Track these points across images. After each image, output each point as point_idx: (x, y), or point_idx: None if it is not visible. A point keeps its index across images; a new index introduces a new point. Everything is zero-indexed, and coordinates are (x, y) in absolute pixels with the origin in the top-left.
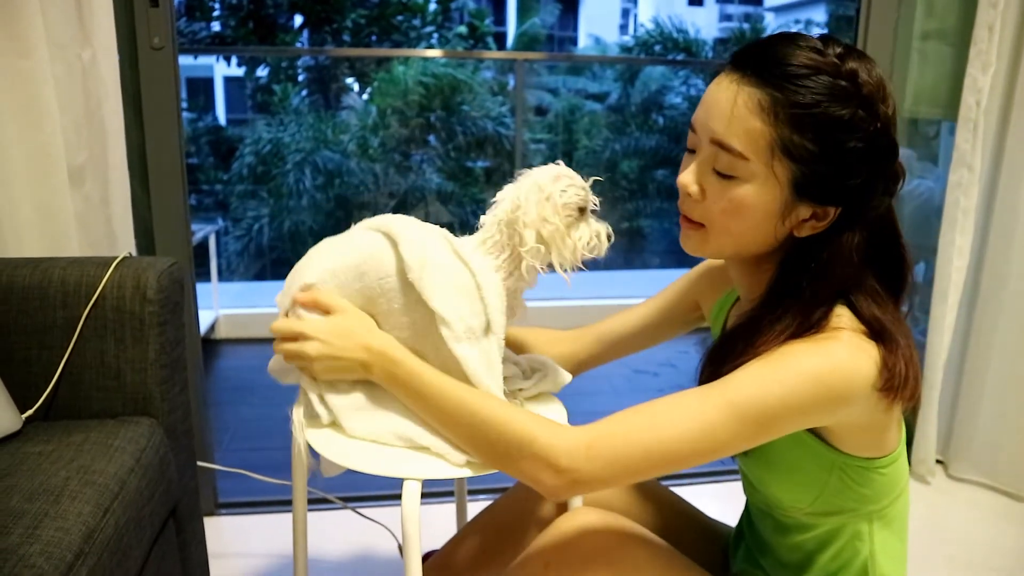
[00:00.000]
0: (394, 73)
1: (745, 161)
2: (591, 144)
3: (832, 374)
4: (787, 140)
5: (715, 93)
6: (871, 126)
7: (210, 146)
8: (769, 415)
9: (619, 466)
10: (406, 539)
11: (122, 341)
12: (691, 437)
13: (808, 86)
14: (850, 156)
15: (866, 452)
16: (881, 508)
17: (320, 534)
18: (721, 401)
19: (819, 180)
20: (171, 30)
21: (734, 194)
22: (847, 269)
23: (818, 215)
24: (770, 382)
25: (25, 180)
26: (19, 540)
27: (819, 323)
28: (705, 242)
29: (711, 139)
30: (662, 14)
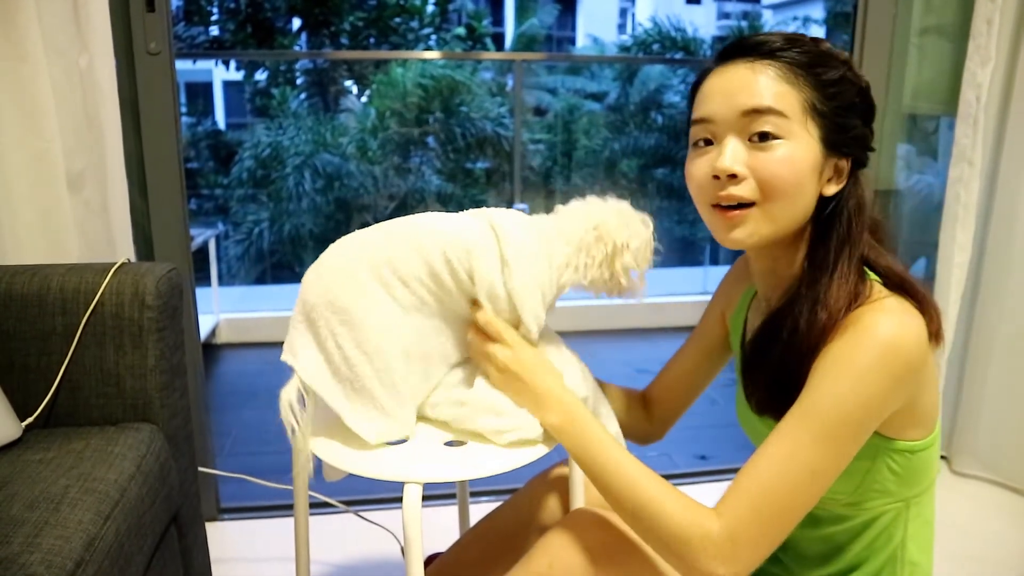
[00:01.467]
0: (393, 75)
1: (786, 120)
2: (590, 144)
3: (896, 357)
4: (812, 97)
5: (726, 79)
6: (860, 82)
7: (209, 150)
8: (859, 423)
9: (763, 548)
10: (407, 542)
11: (121, 347)
12: (807, 485)
13: (801, 51)
14: (853, 108)
15: (909, 434)
16: (917, 494)
17: (322, 538)
18: (812, 437)
19: (839, 132)
20: (167, 35)
21: (781, 154)
22: (863, 223)
23: (839, 169)
24: (845, 395)
25: (24, 186)
26: (20, 549)
27: (859, 296)
28: (760, 220)
29: (744, 111)
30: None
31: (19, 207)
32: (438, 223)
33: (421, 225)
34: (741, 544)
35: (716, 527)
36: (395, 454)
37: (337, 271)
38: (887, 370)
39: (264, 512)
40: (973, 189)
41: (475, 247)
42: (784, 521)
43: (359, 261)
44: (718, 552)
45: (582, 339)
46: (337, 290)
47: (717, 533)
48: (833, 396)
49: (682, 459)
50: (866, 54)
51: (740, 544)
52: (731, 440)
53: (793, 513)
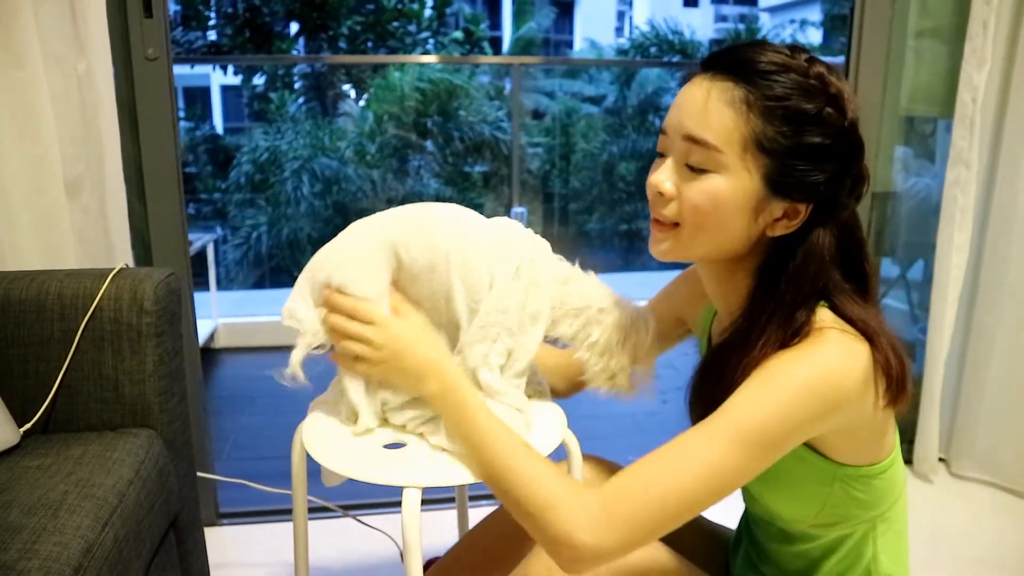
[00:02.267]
0: (390, 79)
1: (719, 153)
2: (588, 147)
3: (826, 379)
4: (760, 133)
5: (687, 93)
6: (839, 122)
7: (208, 155)
8: (773, 436)
9: (641, 529)
10: (407, 547)
11: (120, 353)
12: (704, 479)
13: (779, 81)
14: (819, 151)
15: (864, 460)
16: (883, 512)
17: (321, 542)
18: (724, 436)
19: (790, 175)
20: (165, 40)
21: (707, 186)
22: (821, 268)
23: (789, 213)
24: (766, 403)
25: (21, 192)
26: (17, 555)
27: (803, 327)
28: (678, 242)
29: (684, 135)
30: (657, 16)
31: (17, 213)
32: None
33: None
34: (616, 518)
35: (592, 497)
36: (394, 458)
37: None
38: (816, 391)
39: (263, 517)
40: (970, 191)
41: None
42: (668, 510)
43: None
44: (589, 521)
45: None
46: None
47: (591, 501)
48: (756, 403)
49: None
50: (863, 57)
51: (615, 518)
52: None
53: (681, 505)
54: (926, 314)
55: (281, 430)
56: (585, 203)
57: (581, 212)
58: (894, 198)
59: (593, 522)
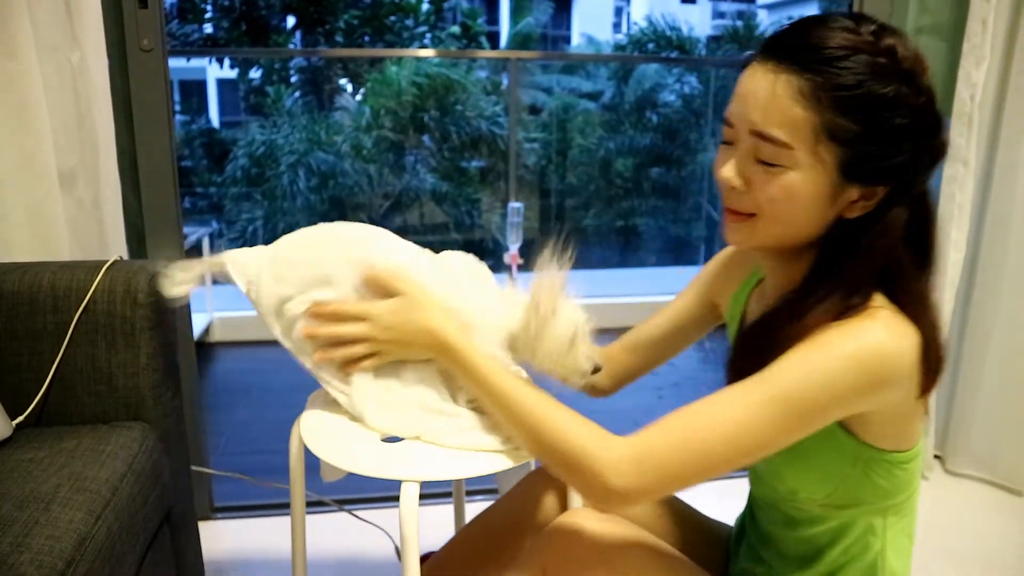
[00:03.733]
0: (387, 73)
1: (789, 150)
2: (585, 143)
3: (874, 356)
4: (831, 124)
5: (750, 84)
6: (915, 101)
7: (203, 148)
8: (813, 405)
9: (668, 476)
10: (404, 541)
11: (113, 345)
12: (736, 437)
13: (848, 67)
14: (896, 133)
15: (892, 445)
16: (897, 503)
17: (316, 537)
18: (763, 397)
19: (867, 160)
20: (160, 32)
21: (781, 182)
22: (892, 245)
23: (866, 195)
24: (811, 371)
25: (15, 184)
26: (9, 548)
27: (858, 306)
28: (754, 232)
29: (751, 131)
30: (655, 12)
31: (10, 205)
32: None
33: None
34: (644, 464)
35: (620, 441)
36: (392, 452)
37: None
38: (863, 366)
39: (257, 511)
40: (968, 188)
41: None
42: (697, 462)
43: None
44: (618, 464)
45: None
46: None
47: (620, 445)
48: (800, 370)
49: None
50: None
51: (643, 464)
52: None
53: (707, 459)
54: None
55: (275, 424)
56: (582, 199)
57: (578, 208)
58: None
59: (621, 467)
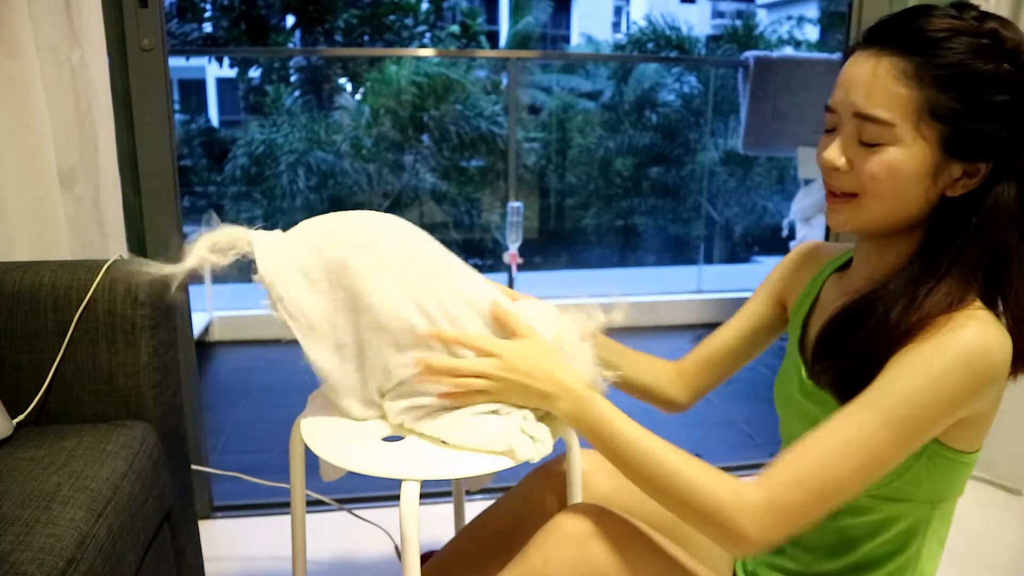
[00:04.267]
0: (387, 73)
1: (891, 127)
2: (585, 142)
3: (980, 363)
4: (933, 102)
5: (853, 70)
6: (1018, 78)
7: (203, 148)
8: (927, 419)
9: (804, 519)
10: (405, 540)
11: (114, 345)
12: (861, 467)
13: (951, 47)
14: (1000, 109)
15: (962, 444)
16: (945, 505)
17: (315, 536)
18: (878, 422)
19: (969, 137)
20: (161, 31)
21: (883, 158)
22: (1001, 226)
23: (969, 172)
24: (921, 388)
25: (15, 183)
26: (10, 547)
27: (966, 300)
28: (859, 211)
29: (854, 113)
30: (654, 12)
31: (10, 204)
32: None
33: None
34: (781, 512)
35: (754, 493)
36: (393, 451)
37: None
38: (968, 372)
39: (258, 510)
40: None
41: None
42: (827, 498)
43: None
44: (755, 517)
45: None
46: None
47: (756, 498)
48: (909, 388)
49: None
50: None
51: (779, 512)
52: (726, 439)
53: (839, 493)
54: None
55: (275, 423)
56: (581, 198)
57: (577, 207)
58: None
59: (759, 520)
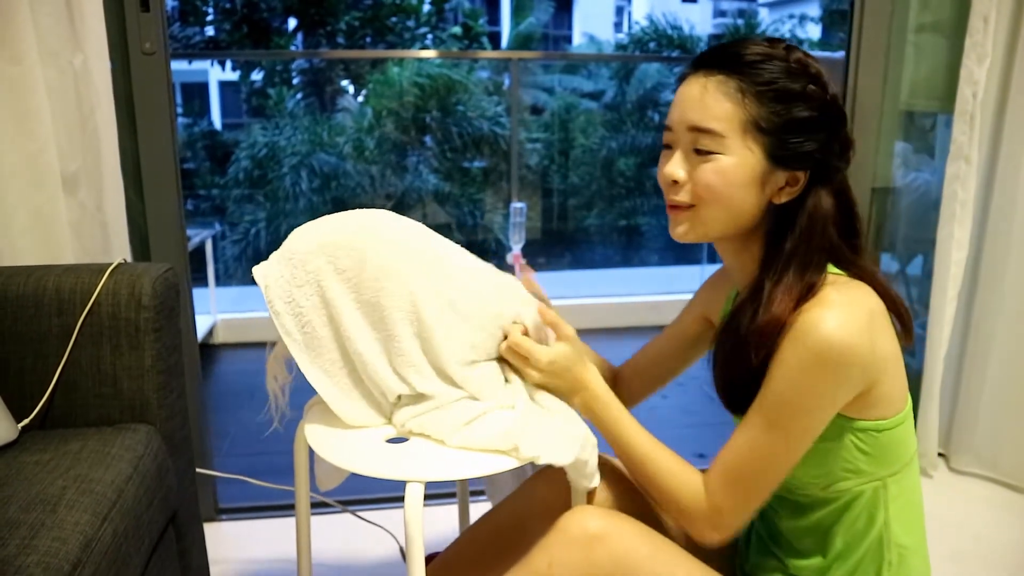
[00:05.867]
0: (389, 74)
1: (723, 138)
2: (587, 142)
3: (834, 352)
4: (756, 116)
5: (686, 91)
6: (823, 96)
7: (206, 151)
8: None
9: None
10: (409, 541)
11: (118, 348)
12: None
13: (766, 68)
14: (809, 123)
15: (874, 413)
16: (893, 473)
17: (320, 538)
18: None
19: (788, 147)
20: (162, 35)
21: (717, 166)
22: (825, 226)
23: (791, 181)
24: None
25: (18, 188)
26: (16, 551)
27: (813, 285)
28: (696, 220)
29: (689, 127)
30: (656, 11)
31: (14, 209)
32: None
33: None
34: (724, 514)
35: (703, 503)
36: (397, 453)
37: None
38: (827, 366)
39: (262, 512)
40: (970, 186)
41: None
42: (756, 492)
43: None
44: (708, 521)
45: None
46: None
47: (704, 508)
48: (776, 394)
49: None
50: (863, 52)
51: (723, 514)
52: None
53: (763, 485)
54: (925, 310)
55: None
56: (584, 198)
57: (580, 207)
58: (894, 193)
59: (711, 522)
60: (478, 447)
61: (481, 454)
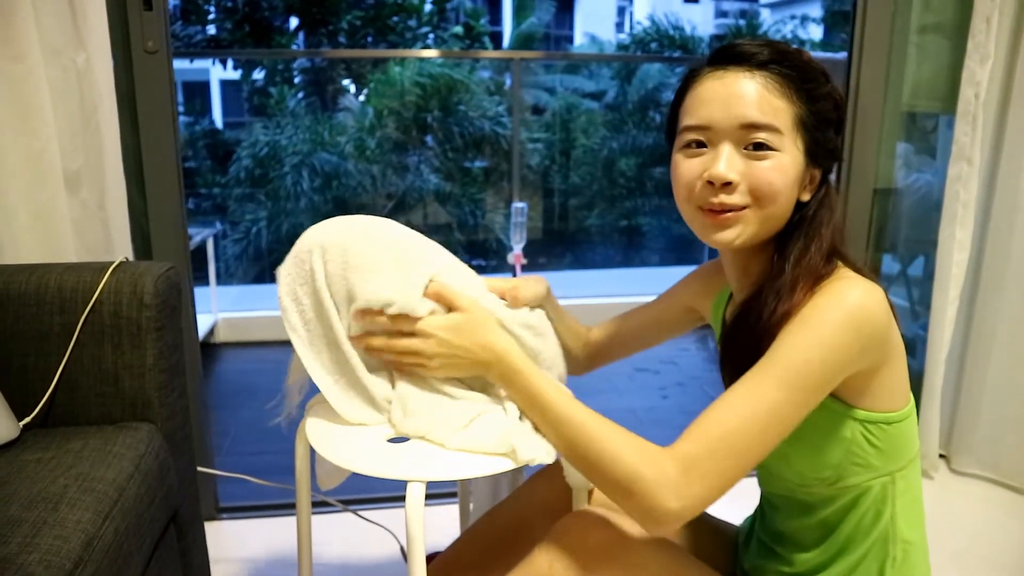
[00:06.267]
0: (390, 74)
1: (781, 135)
2: (589, 143)
3: (861, 315)
4: (802, 114)
5: (726, 87)
6: (841, 96)
7: (207, 150)
8: (819, 375)
9: (717, 484)
10: (410, 541)
11: (120, 347)
12: (765, 426)
13: (805, 69)
14: (835, 122)
15: (880, 406)
16: (901, 467)
17: (321, 537)
18: (774, 381)
19: (821, 145)
20: (165, 33)
21: (778, 163)
22: (832, 224)
23: (814, 177)
24: (809, 346)
25: (21, 186)
26: (18, 549)
27: (827, 275)
28: (751, 221)
29: (743, 124)
30: (658, 11)
31: (16, 207)
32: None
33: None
34: (694, 479)
35: (670, 464)
36: (398, 452)
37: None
38: (852, 325)
39: (263, 511)
40: (972, 187)
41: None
42: (737, 461)
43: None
44: (672, 488)
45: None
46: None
47: (671, 468)
48: (797, 347)
49: None
50: (865, 52)
51: (692, 479)
52: None
53: (747, 455)
54: (927, 311)
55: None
56: (585, 199)
57: (581, 208)
58: (895, 194)
59: (676, 489)
60: (478, 450)
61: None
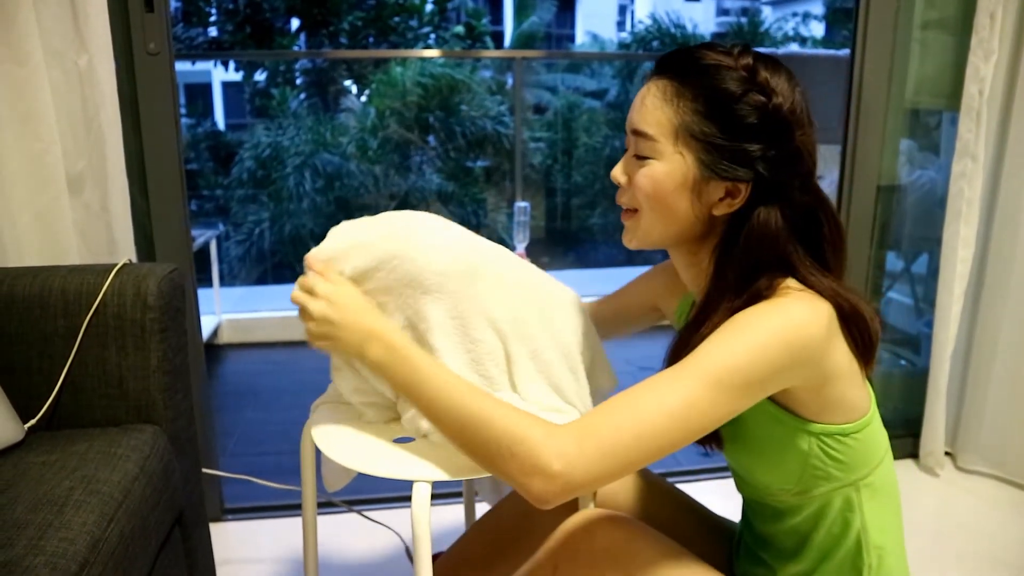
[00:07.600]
0: (392, 74)
1: (655, 143)
2: (591, 141)
3: (791, 329)
4: (689, 121)
5: (639, 95)
6: (762, 105)
7: (209, 151)
8: (741, 379)
9: (612, 460)
10: (416, 541)
11: (124, 348)
12: (674, 417)
13: (708, 74)
14: (744, 131)
15: (836, 419)
16: (864, 476)
17: (326, 538)
18: (694, 376)
19: (721, 155)
20: (167, 35)
21: (649, 170)
22: (772, 243)
23: (732, 192)
24: (736, 345)
25: (24, 189)
26: (23, 551)
27: (766, 291)
28: (638, 226)
29: (631, 130)
30: (659, 10)
31: (19, 210)
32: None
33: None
34: (588, 449)
35: (562, 429)
36: (404, 453)
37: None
38: (783, 340)
39: (268, 512)
40: (976, 184)
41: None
42: (639, 442)
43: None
44: (560, 450)
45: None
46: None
47: (562, 432)
48: (725, 345)
49: (685, 456)
50: (868, 49)
51: (587, 448)
52: None
53: (652, 439)
54: (931, 308)
55: (285, 426)
56: (587, 197)
57: (583, 207)
58: (899, 191)
59: (564, 451)
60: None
61: None
